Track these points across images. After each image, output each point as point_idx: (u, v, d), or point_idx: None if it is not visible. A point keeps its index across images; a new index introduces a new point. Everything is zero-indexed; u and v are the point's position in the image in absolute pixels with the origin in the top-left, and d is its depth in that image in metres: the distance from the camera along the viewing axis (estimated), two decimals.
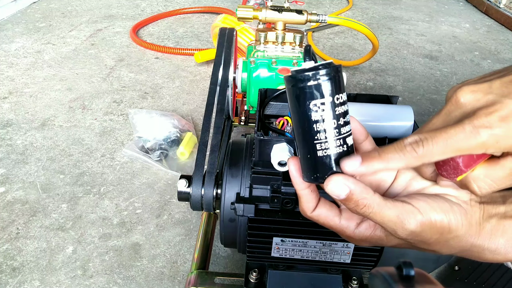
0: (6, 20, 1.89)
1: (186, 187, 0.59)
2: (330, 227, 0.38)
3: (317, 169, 0.34)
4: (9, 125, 1.21)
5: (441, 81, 1.56)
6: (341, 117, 0.33)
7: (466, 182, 0.33)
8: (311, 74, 0.31)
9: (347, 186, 0.33)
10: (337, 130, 0.33)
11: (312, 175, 0.34)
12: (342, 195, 0.33)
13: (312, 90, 0.31)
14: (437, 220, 0.33)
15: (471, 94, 0.31)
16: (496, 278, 0.77)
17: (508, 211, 0.34)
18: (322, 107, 0.32)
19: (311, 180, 0.34)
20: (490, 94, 0.30)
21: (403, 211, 0.33)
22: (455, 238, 0.34)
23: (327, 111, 0.32)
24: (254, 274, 0.62)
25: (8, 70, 1.49)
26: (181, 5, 2.15)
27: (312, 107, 0.32)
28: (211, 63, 1.53)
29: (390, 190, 0.38)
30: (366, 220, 0.37)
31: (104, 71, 1.51)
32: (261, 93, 0.62)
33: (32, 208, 0.94)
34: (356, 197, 0.33)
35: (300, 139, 0.34)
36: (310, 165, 0.34)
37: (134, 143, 1.12)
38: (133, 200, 0.98)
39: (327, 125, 0.32)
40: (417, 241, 0.34)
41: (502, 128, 0.29)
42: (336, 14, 2.12)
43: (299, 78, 0.32)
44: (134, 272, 0.82)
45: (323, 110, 0.32)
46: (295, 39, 0.90)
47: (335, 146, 0.33)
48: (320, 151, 0.33)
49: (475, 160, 0.32)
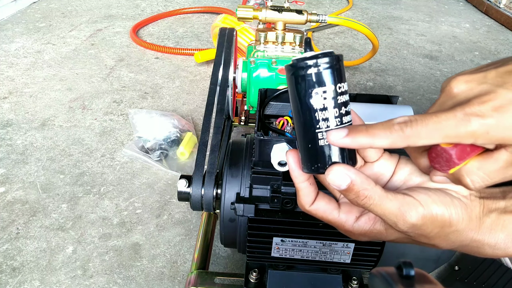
0: (6, 20, 1.89)
1: (186, 187, 0.59)
2: (329, 221, 0.38)
3: (317, 159, 0.33)
4: (9, 125, 1.21)
5: (441, 81, 1.56)
6: (342, 106, 0.32)
7: (459, 175, 0.32)
8: (313, 61, 0.31)
9: (348, 176, 0.32)
10: (339, 119, 0.32)
11: (313, 165, 0.34)
12: (343, 186, 0.32)
13: (314, 78, 0.31)
14: (438, 214, 0.33)
15: (465, 84, 0.31)
16: (496, 278, 0.77)
17: (508, 206, 0.34)
18: (324, 95, 0.31)
19: (312, 170, 0.34)
20: (484, 83, 0.30)
21: (404, 203, 0.33)
22: (455, 232, 0.34)
23: (329, 100, 0.32)
24: (254, 274, 0.62)
25: (8, 70, 1.49)
26: (181, 5, 2.15)
27: (314, 95, 0.31)
28: (211, 63, 1.53)
29: (389, 185, 0.38)
30: (365, 214, 0.37)
31: (104, 71, 1.51)
32: (261, 93, 0.62)
33: (32, 208, 0.94)
34: (357, 188, 0.32)
35: (301, 129, 0.33)
36: (311, 155, 0.33)
37: (134, 143, 1.12)
38: (133, 200, 0.98)
39: (329, 114, 0.32)
40: (417, 234, 0.34)
41: (494, 118, 0.28)
42: (336, 14, 2.12)
43: (301, 66, 0.31)
44: (134, 272, 0.82)
45: (325, 98, 0.31)
46: (295, 39, 0.90)
47: None
48: (321, 140, 0.32)
49: (468, 153, 0.31)
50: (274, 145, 0.51)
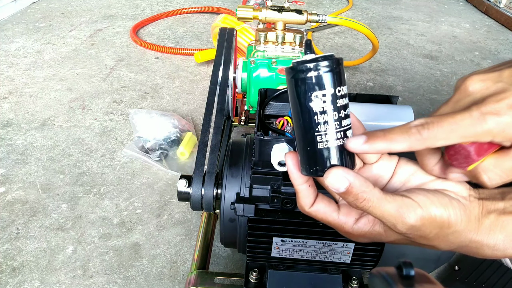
0: (6, 20, 1.89)
1: (186, 187, 0.59)
2: (329, 223, 0.38)
3: (316, 162, 0.33)
4: (9, 125, 1.21)
5: (441, 81, 1.56)
6: (342, 109, 0.32)
7: (475, 173, 0.32)
8: (313, 65, 0.31)
9: (346, 179, 0.32)
10: (338, 122, 0.32)
11: (312, 168, 0.34)
12: (342, 188, 0.32)
13: (314, 81, 0.31)
14: (437, 215, 0.33)
15: (480, 83, 0.31)
16: (496, 278, 0.77)
17: (507, 207, 0.34)
18: (324, 99, 0.31)
19: (310, 173, 0.34)
20: (500, 82, 0.30)
21: (403, 205, 0.33)
22: (455, 233, 0.34)
23: (328, 103, 0.32)
24: (254, 274, 0.62)
25: (8, 70, 1.49)
26: (181, 5, 2.15)
27: (314, 98, 0.31)
28: (211, 63, 1.53)
29: (388, 186, 0.38)
30: (364, 216, 0.37)
31: (104, 71, 1.51)
32: (261, 93, 0.62)
33: (32, 208, 0.94)
34: (355, 191, 0.32)
35: (300, 132, 0.33)
36: (310, 157, 0.33)
37: (134, 143, 1.12)
38: (133, 200, 0.98)
39: (328, 117, 0.32)
40: (417, 236, 0.34)
41: (510, 115, 0.28)
42: (336, 14, 2.12)
43: (301, 69, 0.31)
44: (134, 272, 0.82)
45: (324, 101, 0.32)
46: (295, 39, 0.90)
47: (335, 138, 0.32)
48: (320, 143, 0.32)
49: (486, 149, 0.31)
50: (274, 145, 0.51)
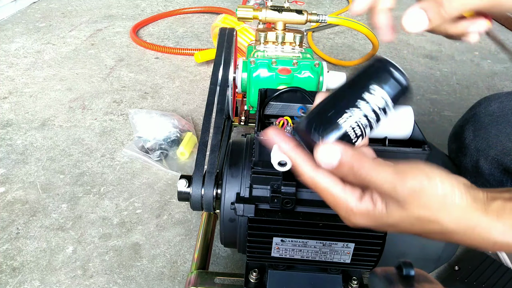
0: (6, 20, 1.89)
1: (186, 187, 0.59)
2: (331, 196, 0.36)
3: (324, 126, 0.35)
4: (9, 125, 1.21)
5: (441, 81, 1.56)
6: (376, 117, 0.36)
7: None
8: (398, 73, 0.36)
9: (338, 151, 0.33)
10: (366, 120, 0.36)
11: (316, 126, 0.36)
12: (335, 162, 0.33)
13: (386, 81, 0.36)
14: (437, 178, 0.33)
15: None
16: (496, 278, 0.77)
17: None
18: (377, 97, 0.35)
19: (309, 130, 0.36)
20: None
21: (401, 168, 0.33)
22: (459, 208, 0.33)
23: (376, 103, 0.36)
24: (254, 274, 0.62)
25: (8, 70, 1.49)
26: (181, 5, 2.15)
27: (371, 89, 0.35)
28: (211, 63, 1.53)
29: None
30: (367, 193, 0.36)
31: (104, 71, 1.51)
32: (261, 93, 0.62)
33: (32, 208, 0.94)
34: (349, 160, 0.33)
35: (338, 99, 0.36)
36: (323, 119, 0.36)
37: (134, 143, 1.12)
38: (133, 200, 0.98)
39: (365, 111, 0.35)
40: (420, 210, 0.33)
41: None
42: (336, 14, 2.12)
43: (390, 68, 0.36)
44: (134, 272, 0.82)
45: (375, 98, 0.35)
46: (295, 39, 0.90)
47: (351, 127, 0.35)
48: (341, 118, 0.35)
49: None
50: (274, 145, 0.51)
